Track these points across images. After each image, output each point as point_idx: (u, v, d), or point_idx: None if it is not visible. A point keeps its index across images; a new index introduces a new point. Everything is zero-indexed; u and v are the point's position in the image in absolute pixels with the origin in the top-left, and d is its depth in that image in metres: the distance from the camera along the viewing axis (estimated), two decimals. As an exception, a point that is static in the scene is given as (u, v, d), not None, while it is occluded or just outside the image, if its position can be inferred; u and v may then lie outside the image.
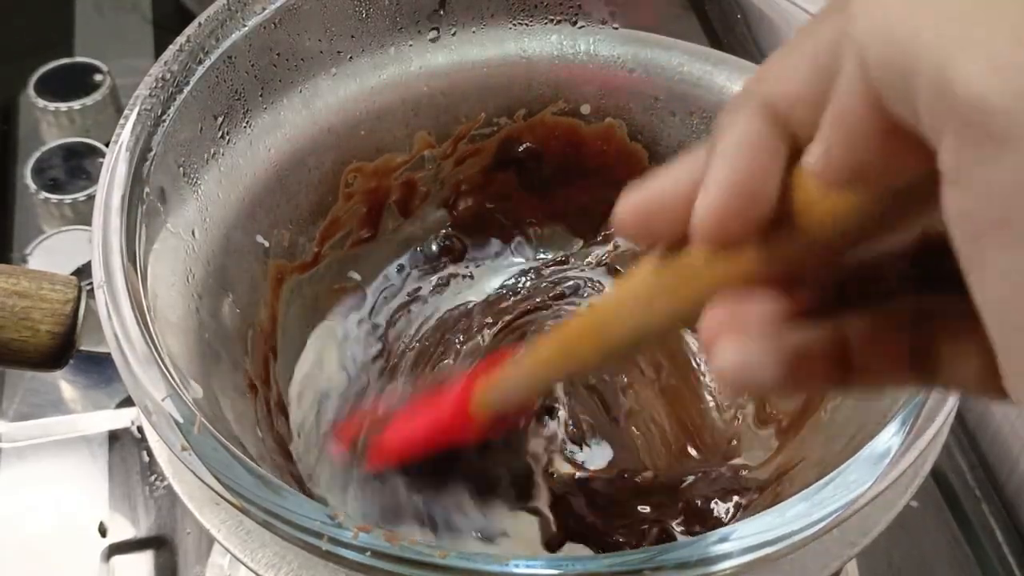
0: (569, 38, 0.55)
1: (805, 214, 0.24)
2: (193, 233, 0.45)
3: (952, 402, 0.36)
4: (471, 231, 0.58)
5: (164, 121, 0.43)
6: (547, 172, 0.57)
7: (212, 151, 0.46)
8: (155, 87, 0.43)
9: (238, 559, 0.37)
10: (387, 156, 0.54)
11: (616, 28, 0.55)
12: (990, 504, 0.62)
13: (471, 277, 0.57)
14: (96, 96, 0.78)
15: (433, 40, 0.53)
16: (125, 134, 0.41)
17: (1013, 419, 0.64)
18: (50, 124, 0.78)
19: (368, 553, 0.32)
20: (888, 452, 0.35)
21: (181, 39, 0.44)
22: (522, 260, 0.59)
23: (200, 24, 0.45)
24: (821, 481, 0.34)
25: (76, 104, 0.77)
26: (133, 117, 0.42)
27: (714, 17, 0.81)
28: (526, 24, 0.55)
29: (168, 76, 0.43)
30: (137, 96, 0.43)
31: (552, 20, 0.55)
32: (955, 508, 0.62)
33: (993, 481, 0.64)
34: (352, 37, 0.51)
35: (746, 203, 0.24)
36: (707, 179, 0.25)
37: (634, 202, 0.27)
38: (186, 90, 0.44)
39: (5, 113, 0.81)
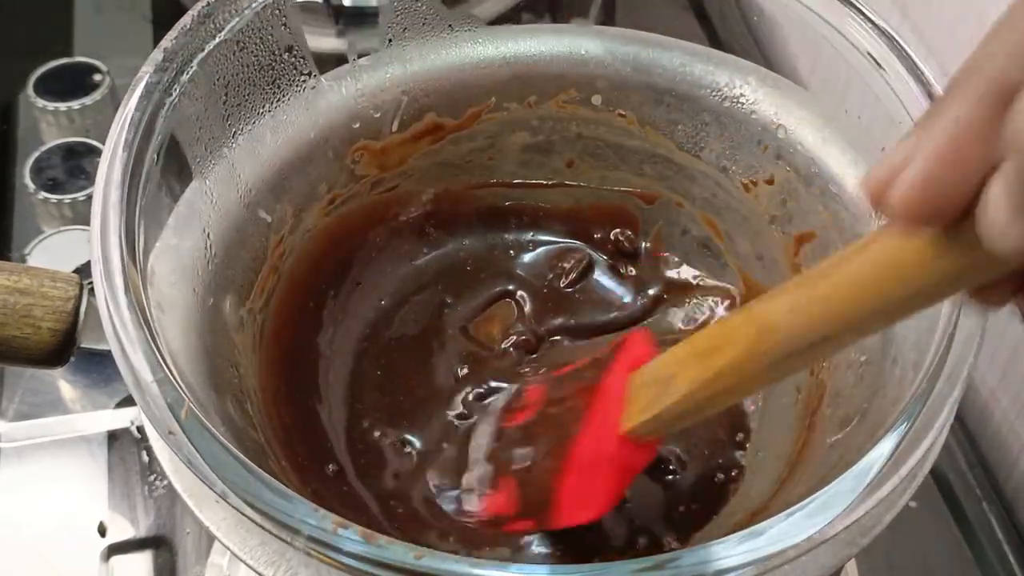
0: (569, 38, 0.55)
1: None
2: (197, 228, 0.45)
3: (952, 403, 0.37)
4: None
5: (163, 113, 0.43)
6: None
7: (216, 144, 0.46)
8: (153, 83, 0.43)
9: (238, 556, 0.37)
10: (393, 135, 0.54)
11: (616, 28, 0.55)
12: (990, 504, 0.62)
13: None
14: (95, 96, 0.78)
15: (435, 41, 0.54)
16: (124, 125, 0.42)
17: (1013, 419, 0.64)
18: (49, 124, 0.78)
19: (347, 552, 0.32)
20: (888, 453, 0.35)
21: (180, 26, 0.45)
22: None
23: (209, 2, 0.46)
24: (823, 488, 0.34)
25: (75, 104, 0.77)
26: (133, 104, 0.42)
27: (714, 17, 0.82)
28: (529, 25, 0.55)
29: (170, 67, 0.44)
30: (137, 79, 0.43)
31: (555, 21, 0.55)
32: (955, 508, 0.62)
33: (993, 481, 0.64)
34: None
35: (938, 191, 0.24)
36: (914, 157, 0.25)
37: (870, 177, 0.27)
38: (186, 81, 0.44)
39: (4, 113, 0.81)
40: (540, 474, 0.44)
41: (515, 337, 0.54)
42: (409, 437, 0.50)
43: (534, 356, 0.54)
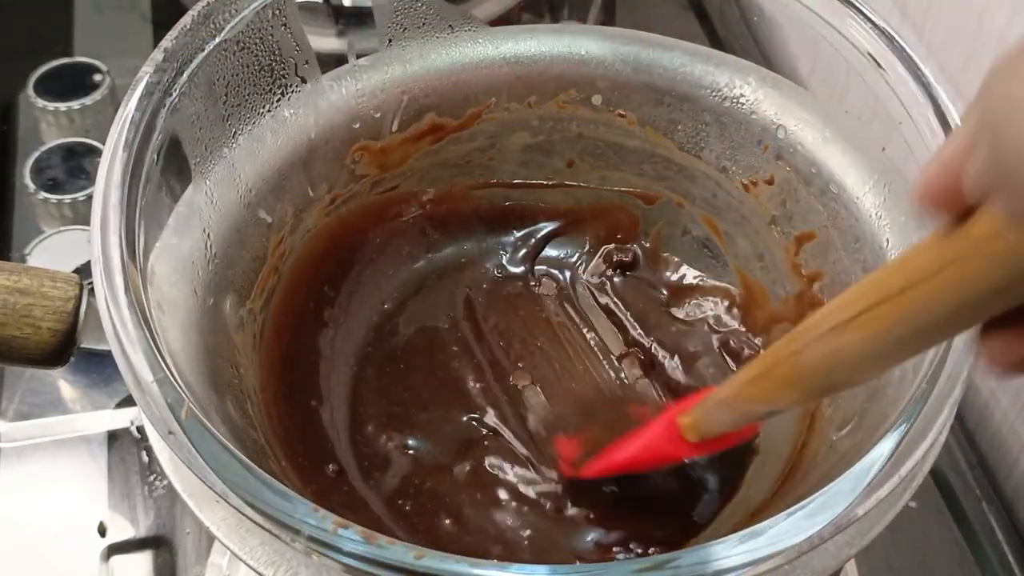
0: (569, 38, 0.55)
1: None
2: (197, 228, 0.45)
3: (952, 404, 0.37)
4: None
5: (163, 113, 0.43)
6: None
7: (216, 144, 0.46)
8: (153, 83, 0.43)
9: (238, 556, 0.37)
10: (393, 135, 0.54)
11: (616, 28, 0.55)
12: (990, 504, 0.62)
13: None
14: (95, 96, 0.78)
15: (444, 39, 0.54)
16: (124, 125, 0.42)
17: (1012, 419, 0.64)
18: (49, 124, 0.78)
19: (347, 552, 0.32)
20: (888, 454, 0.35)
21: (180, 26, 0.45)
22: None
23: (209, 2, 0.46)
24: (823, 488, 0.34)
25: (75, 104, 0.77)
26: (133, 104, 0.42)
27: (714, 17, 0.82)
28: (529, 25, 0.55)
29: (170, 67, 0.44)
30: (137, 79, 0.43)
31: (555, 21, 0.55)
32: (955, 508, 0.62)
33: (993, 481, 0.64)
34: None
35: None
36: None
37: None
38: (186, 81, 0.44)
39: (4, 113, 0.81)
40: (599, 435, 0.49)
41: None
42: (413, 440, 0.50)
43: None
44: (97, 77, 0.79)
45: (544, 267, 0.58)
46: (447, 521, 0.48)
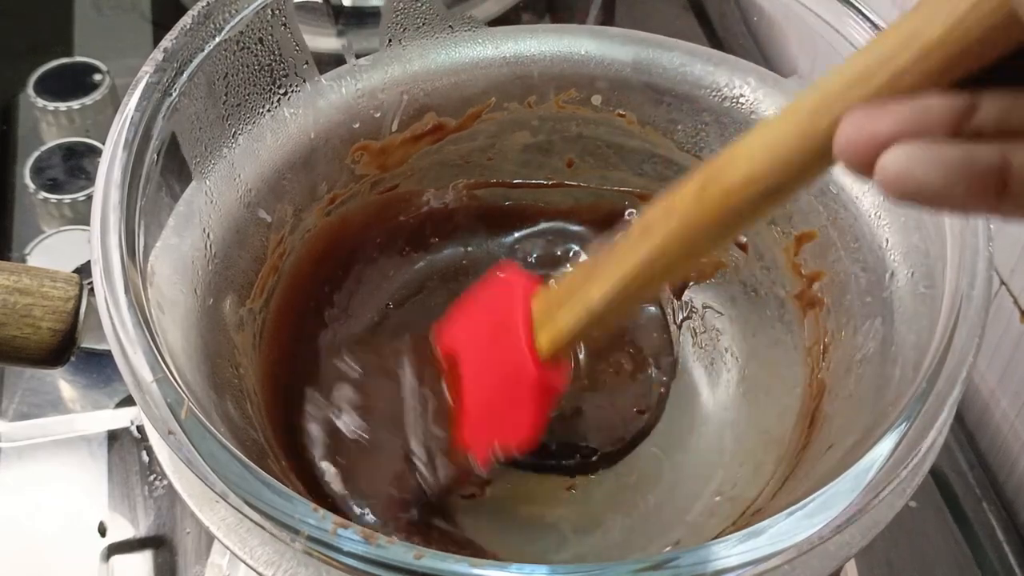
0: (569, 38, 0.55)
1: None
2: (197, 228, 0.45)
3: (952, 403, 0.37)
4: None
5: (163, 113, 0.43)
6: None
7: (216, 144, 0.46)
8: (153, 83, 0.43)
9: (238, 556, 0.37)
10: (393, 135, 0.54)
11: (616, 28, 0.55)
12: (990, 504, 0.62)
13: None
14: (95, 96, 0.78)
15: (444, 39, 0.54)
16: (124, 125, 0.42)
17: (1012, 418, 0.64)
18: (49, 124, 0.78)
19: (347, 552, 0.32)
20: (887, 453, 0.35)
21: (180, 26, 0.45)
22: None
23: (209, 2, 0.46)
24: (823, 488, 0.34)
25: (75, 104, 0.77)
26: (133, 104, 0.42)
27: (714, 17, 0.82)
28: (529, 25, 0.55)
29: (170, 67, 0.44)
30: (137, 79, 0.43)
31: (555, 21, 0.55)
32: (955, 508, 0.62)
33: (993, 480, 0.64)
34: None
35: None
36: None
37: None
38: (186, 81, 0.44)
39: (4, 113, 0.81)
40: (475, 416, 0.45)
41: None
42: (407, 436, 0.50)
43: None
44: (97, 77, 0.79)
45: (545, 268, 0.58)
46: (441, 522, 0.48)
